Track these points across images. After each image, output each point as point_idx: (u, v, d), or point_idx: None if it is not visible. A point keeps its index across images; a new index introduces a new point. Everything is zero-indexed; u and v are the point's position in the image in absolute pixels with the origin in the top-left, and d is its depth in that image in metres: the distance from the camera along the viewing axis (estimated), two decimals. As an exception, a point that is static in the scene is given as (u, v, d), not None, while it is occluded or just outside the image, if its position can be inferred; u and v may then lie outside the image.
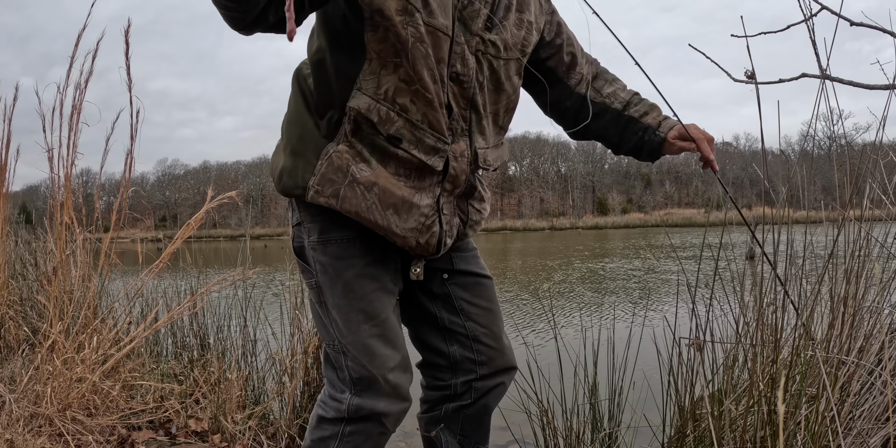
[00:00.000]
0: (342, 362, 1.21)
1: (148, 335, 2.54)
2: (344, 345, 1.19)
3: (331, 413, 1.23)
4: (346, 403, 1.20)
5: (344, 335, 1.19)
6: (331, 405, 1.23)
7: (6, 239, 3.27)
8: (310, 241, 1.19)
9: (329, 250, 1.18)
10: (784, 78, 1.97)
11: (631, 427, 1.86)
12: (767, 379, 1.46)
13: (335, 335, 1.20)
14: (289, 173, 1.14)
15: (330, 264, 1.18)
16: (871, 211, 1.75)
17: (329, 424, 1.23)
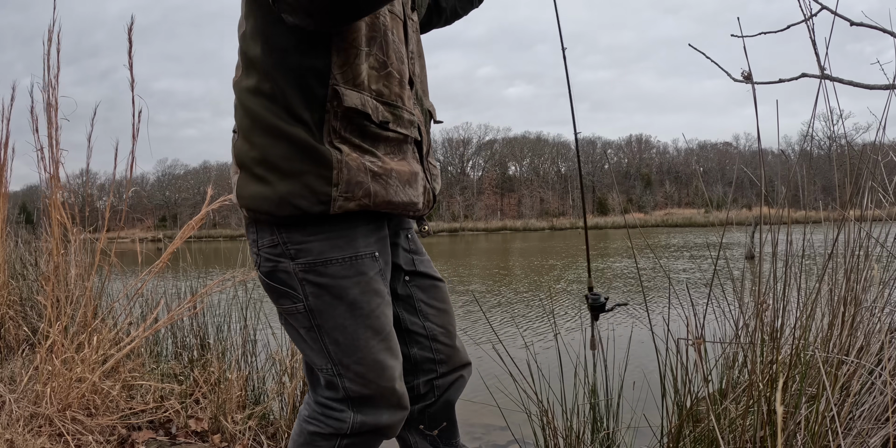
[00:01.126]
0: (338, 384, 1.18)
1: (148, 335, 2.54)
2: (344, 366, 1.17)
3: (328, 429, 1.20)
4: (349, 422, 1.18)
5: (348, 355, 1.17)
6: (328, 423, 1.20)
7: (6, 239, 3.27)
8: (298, 263, 1.13)
9: (331, 271, 1.14)
10: (784, 78, 1.97)
11: (631, 427, 1.86)
12: (767, 379, 1.46)
13: (333, 358, 1.17)
14: (299, 196, 1.08)
15: (331, 285, 1.14)
16: (871, 211, 1.75)
17: (325, 440, 1.20)
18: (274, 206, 1.10)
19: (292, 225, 1.13)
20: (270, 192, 1.09)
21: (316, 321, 1.16)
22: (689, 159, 75.39)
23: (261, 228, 1.16)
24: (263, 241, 1.16)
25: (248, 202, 1.13)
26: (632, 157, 78.70)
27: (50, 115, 2.33)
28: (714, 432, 1.34)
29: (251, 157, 1.11)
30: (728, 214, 2.32)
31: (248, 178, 1.13)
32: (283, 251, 1.14)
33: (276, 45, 1.08)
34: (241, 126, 1.14)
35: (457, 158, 75.97)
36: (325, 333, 1.16)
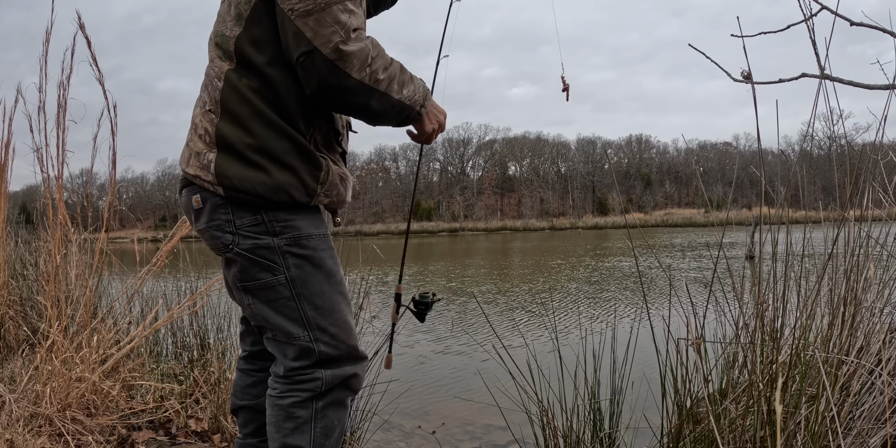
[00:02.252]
0: (313, 349, 1.30)
1: (148, 335, 2.53)
2: (321, 329, 1.30)
3: (304, 395, 1.30)
4: (321, 378, 1.30)
5: (326, 318, 1.31)
6: (303, 388, 1.30)
7: (6, 239, 3.27)
8: (283, 238, 1.28)
9: (312, 243, 1.31)
10: (784, 78, 1.97)
11: (631, 427, 1.86)
12: (767, 379, 1.45)
13: (311, 323, 1.30)
14: (292, 187, 1.26)
15: (312, 256, 1.30)
16: (871, 211, 1.75)
17: (301, 409, 1.30)
18: (270, 191, 1.24)
19: (277, 207, 1.27)
20: (267, 179, 1.23)
21: (297, 290, 1.29)
22: (689, 159, 75.35)
23: (237, 210, 1.27)
24: (243, 221, 1.27)
25: (235, 183, 1.23)
26: (632, 157, 78.68)
27: (59, 117, 2.32)
28: (714, 432, 1.34)
29: (246, 143, 1.23)
30: (728, 214, 2.32)
31: (235, 160, 1.24)
32: (267, 229, 1.27)
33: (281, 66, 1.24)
34: (236, 112, 1.24)
35: (457, 158, 76.02)
36: (304, 300, 1.30)
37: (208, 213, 1.29)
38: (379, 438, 2.68)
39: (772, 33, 1.93)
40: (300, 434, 1.30)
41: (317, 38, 1.15)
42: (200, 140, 1.28)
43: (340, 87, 1.19)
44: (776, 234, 1.66)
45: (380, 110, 1.26)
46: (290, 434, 1.30)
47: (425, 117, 1.35)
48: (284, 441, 1.30)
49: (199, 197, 1.29)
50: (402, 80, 1.26)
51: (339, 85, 1.19)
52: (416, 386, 3.77)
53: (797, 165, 1.86)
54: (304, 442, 1.30)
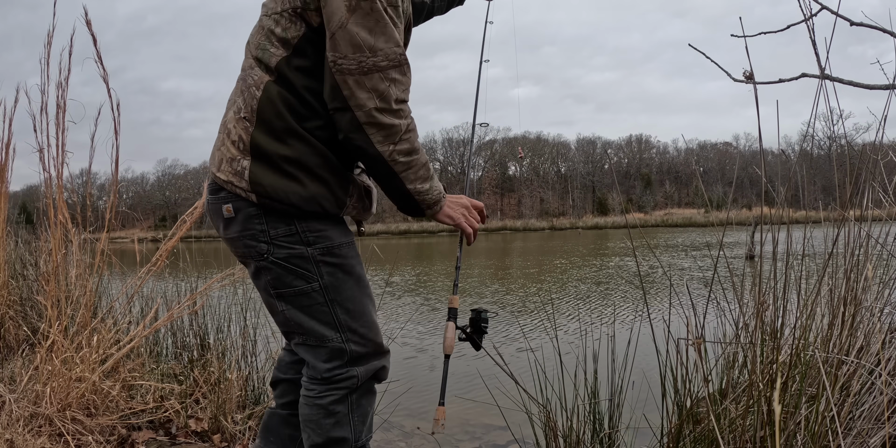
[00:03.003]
0: (345, 349, 1.37)
1: (148, 335, 2.53)
2: (352, 330, 1.38)
3: (342, 392, 1.38)
4: (357, 375, 1.38)
5: (356, 320, 1.38)
6: (341, 385, 1.38)
7: (6, 239, 3.27)
8: (319, 248, 1.33)
9: (343, 252, 1.37)
10: (784, 78, 1.97)
11: (631, 427, 1.86)
12: (767, 379, 1.45)
13: (343, 325, 1.37)
14: (324, 198, 1.30)
15: (343, 264, 1.37)
16: (871, 211, 1.75)
17: (340, 404, 1.38)
18: (303, 201, 1.28)
19: (309, 217, 1.31)
20: (302, 190, 1.27)
21: (330, 296, 1.35)
22: (689, 159, 75.31)
23: (272, 220, 1.30)
24: (277, 231, 1.31)
25: (269, 191, 1.26)
26: (632, 157, 78.65)
27: (58, 117, 2.32)
28: (714, 432, 1.34)
29: (281, 154, 1.26)
30: (728, 214, 2.32)
31: (270, 170, 1.26)
32: (301, 239, 1.31)
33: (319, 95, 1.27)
34: (272, 124, 1.26)
35: (457, 158, 75.98)
36: (337, 305, 1.36)
37: (241, 223, 1.31)
38: (379, 438, 2.68)
39: (772, 34, 1.93)
40: (341, 426, 1.39)
41: (352, 98, 1.19)
42: (234, 146, 1.29)
43: (362, 151, 1.25)
44: (776, 233, 1.66)
45: (389, 188, 1.32)
46: (332, 428, 1.38)
47: (442, 212, 1.39)
48: (328, 435, 1.38)
49: (231, 206, 1.31)
50: (420, 174, 1.30)
51: (360, 147, 1.24)
52: (416, 386, 3.77)
53: (797, 165, 1.86)
54: (346, 433, 1.40)
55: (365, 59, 1.18)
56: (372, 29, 1.18)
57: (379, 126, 1.21)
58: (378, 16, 1.18)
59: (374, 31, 1.18)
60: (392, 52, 1.20)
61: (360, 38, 1.17)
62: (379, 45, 1.19)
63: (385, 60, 1.19)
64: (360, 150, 1.24)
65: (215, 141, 1.37)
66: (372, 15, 1.18)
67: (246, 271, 2.59)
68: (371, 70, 1.18)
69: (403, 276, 11.11)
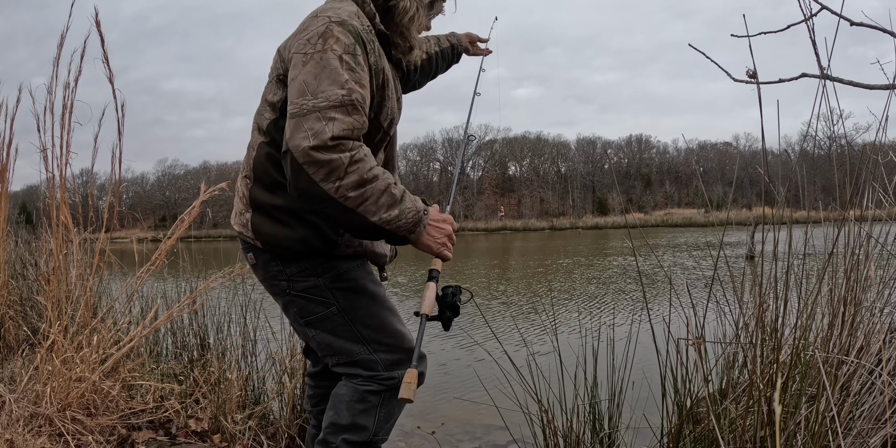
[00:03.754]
0: (376, 360, 1.51)
1: (147, 334, 2.53)
2: (377, 342, 1.51)
3: (378, 387, 1.51)
4: (398, 378, 1.50)
5: (379, 332, 1.52)
6: (381, 384, 1.51)
7: (6, 239, 3.27)
8: (326, 277, 1.47)
9: (351, 276, 1.51)
10: (784, 78, 1.97)
11: (631, 427, 1.86)
12: (767, 379, 1.45)
13: (367, 339, 1.51)
14: (314, 239, 1.43)
15: (354, 286, 1.51)
16: (872, 211, 1.75)
17: (374, 396, 1.51)
18: (295, 243, 1.43)
19: (313, 255, 1.46)
20: (292, 233, 1.42)
21: (349, 316, 1.50)
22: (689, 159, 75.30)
23: (285, 261, 1.47)
24: (291, 270, 1.47)
25: (268, 238, 1.44)
26: (632, 157, 78.64)
27: (63, 118, 2.32)
28: (714, 432, 1.34)
29: (273, 204, 1.42)
30: (728, 214, 2.32)
31: (266, 219, 1.44)
32: (312, 272, 1.47)
33: None
34: (264, 179, 1.43)
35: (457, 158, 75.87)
36: (357, 323, 1.50)
37: (262, 268, 1.51)
38: (379, 438, 2.68)
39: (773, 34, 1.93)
40: (367, 416, 1.51)
41: (291, 140, 1.22)
42: (240, 202, 1.50)
43: (308, 192, 1.23)
44: (776, 233, 1.66)
45: (354, 227, 1.31)
46: (359, 414, 1.50)
47: (422, 239, 1.35)
48: (354, 419, 1.50)
49: (252, 255, 1.51)
50: (382, 202, 1.26)
51: (307, 189, 1.23)
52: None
53: (797, 165, 1.86)
54: (369, 423, 1.51)
55: (306, 101, 1.24)
56: (318, 74, 1.25)
57: (317, 164, 1.21)
58: (326, 63, 1.26)
59: (319, 76, 1.25)
60: (334, 94, 1.24)
61: (305, 84, 1.25)
62: (322, 87, 1.24)
63: (325, 101, 1.23)
64: (306, 193, 1.23)
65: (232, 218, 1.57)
66: (321, 62, 1.26)
67: (245, 268, 2.60)
68: (310, 111, 1.23)
69: (408, 277, 11.12)
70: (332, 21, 1.31)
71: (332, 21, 1.31)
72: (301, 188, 1.24)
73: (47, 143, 2.36)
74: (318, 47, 1.27)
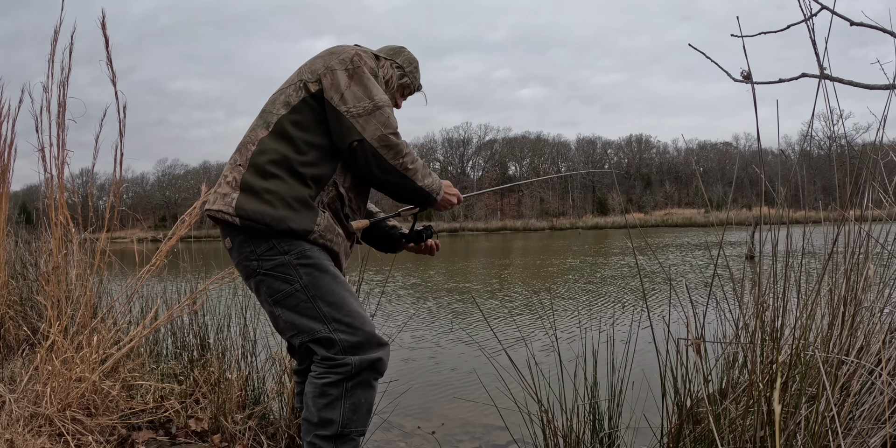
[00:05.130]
0: (334, 339, 1.59)
1: (147, 334, 2.53)
2: (336, 320, 1.60)
3: (336, 377, 1.57)
4: (351, 363, 1.57)
5: (339, 310, 1.61)
6: (336, 372, 1.57)
7: (6, 239, 3.27)
8: (293, 254, 1.61)
9: (314, 255, 1.63)
10: (784, 78, 1.97)
11: (631, 427, 1.86)
12: (767, 379, 1.45)
13: (327, 317, 1.60)
14: (292, 220, 1.59)
15: (317, 264, 1.63)
16: (871, 211, 1.75)
17: (334, 388, 1.57)
18: (274, 221, 1.57)
19: (283, 235, 1.59)
20: (274, 212, 1.57)
21: (311, 292, 1.61)
22: (689, 159, 75.28)
23: (256, 242, 1.60)
24: (261, 249, 1.61)
25: (249, 214, 1.57)
26: (632, 157, 78.62)
27: (59, 116, 2.32)
28: (714, 433, 1.34)
29: (262, 187, 1.59)
30: (728, 214, 2.32)
31: (252, 198, 1.58)
32: (279, 250, 1.61)
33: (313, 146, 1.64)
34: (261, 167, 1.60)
35: (457, 158, 75.99)
36: (318, 299, 1.61)
37: (237, 249, 1.64)
38: (379, 438, 2.68)
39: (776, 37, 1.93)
40: (331, 409, 1.57)
41: (365, 130, 1.59)
42: (228, 186, 1.62)
43: (380, 167, 1.62)
44: (776, 233, 1.66)
45: (405, 190, 1.70)
46: (323, 408, 1.57)
47: (440, 202, 1.79)
48: (319, 414, 1.58)
49: (229, 239, 1.65)
50: (424, 173, 1.70)
51: (379, 166, 1.62)
52: (416, 386, 3.77)
53: (797, 165, 1.86)
54: (335, 416, 1.57)
55: (366, 103, 1.61)
56: (366, 85, 1.65)
57: (388, 146, 1.61)
58: (368, 77, 1.67)
59: (367, 86, 1.65)
60: (384, 98, 1.64)
61: (358, 91, 1.63)
62: (373, 93, 1.63)
63: (381, 102, 1.63)
64: (377, 169, 1.63)
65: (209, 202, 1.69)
66: (364, 76, 1.66)
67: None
68: (373, 109, 1.61)
69: (410, 278, 11.11)
70: (358, 50, 1.72)
71: (357, 49, 1.72)
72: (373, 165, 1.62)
73: (45, 142, 2.36)
74: (356, 64, 1.66)
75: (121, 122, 2.33)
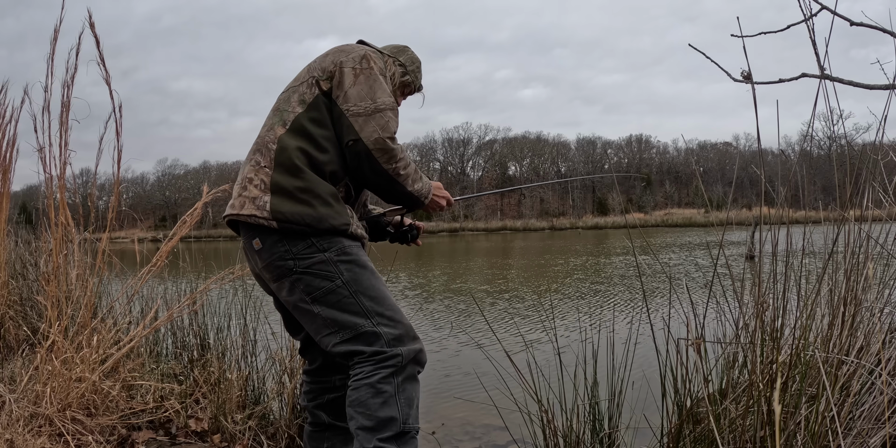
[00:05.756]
0: (379, 332, 1.58)
1: (147, 334, 2.53)
2: (379, 314, 1.60)
3: (388, 370, 1.55)
4: (402, 354, 1.57)
5: (380, 305, 1.62)
6: (387, 364, 1.56)
7: (6, 239, 3.27)
8: (333, 251, 1.61)
9: (353, 251, 1.65)
10: (784, 78, 1.97)
11: (631, 427, 1.86)
12: (767, 379, 1.45)
13: (370, 311, 1.60)
14: (332, 217, 1.61)
15: (356, 260, 1.64)
16: (871, 211, 1.75)
17: (387, 384, 1.55)
18: (315, 221, 1.58)
19: (322, 233, 1.60)
20: (313, 212, 1.59)
21: (352, 288, 1.61)
22: (689, 159, 75.28)
23: (291, 241, 1.59)
24: (298, 248, 1.60)
25: (287, 216, 1.57)
26: (632, 157, 78.61)
27: (62, 116, 2.32)
28: (714, 432, 1.34)
29: (296, 186, 1.59)
30: (728, 214, 2.32)
31: (287, 199, 1.58)
32: (318, 248, 1.60)
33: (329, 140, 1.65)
34: (287, 165, 1.60)
35: (457, 158, 75.99)
36: (361, 295, 1.61)
37: (268, 250, 1.61)
38: (379, 438, 2.68)
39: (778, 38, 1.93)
40: (389, 407, 1.54)
41: (363, 131, 1.59)
42: (256, 188, 1.61)
43: (372, 170, 1.63)
44: (776, 233, 1.66)
45: (394, 193, 1.71)
46: (380, 408, 1.53)
47: (428, 205, 1.81)
48: (377, 415, 1.53)
49: (259, 239, 1.62)
50: (415, 177, 1.71)
51: (371, 167, 1.62)
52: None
53: (797, 165, 1.86)
54: (394, 413, 1.54)
55: (368, 104, 1.61)
56: (371, 85, 1.65)
57: (383, 150, 1.61)
58: (375, 77, 1.67)
59: (373, 87, 1.64)
60: (387, 101, 1.64)
61: (362, 91, 1.63)
62: (377, 95, 1.64)
63: (383, 105, 1.63)
64: (369, 170, 1.63)
65: (231, 200, 1.69)
66: (371, 76, 1.66)
67: (245, 270, 2.59)
68: (374, 111, 1.61)
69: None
70: (367, 50, 1.73)
71: (367, 49, 1.73)
72: (366, 167, 1.62)
73: (45, 142, 2.36)
74: (364, 65, 1.67)
75: (117, 121, 2.33)
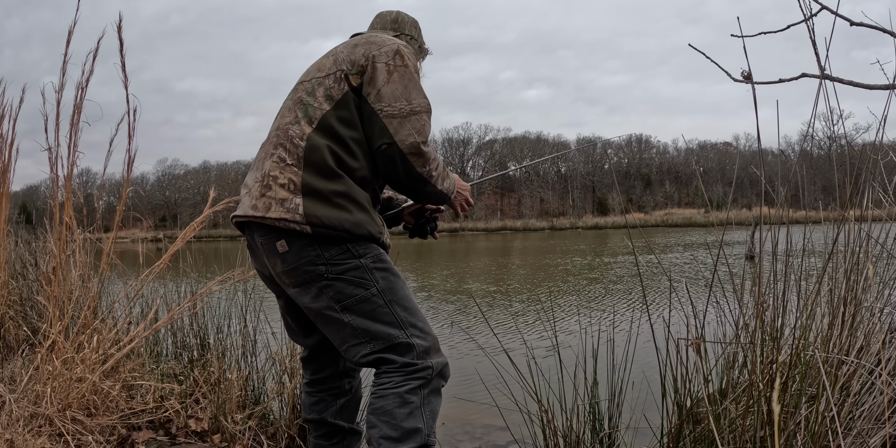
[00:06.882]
0: (412, 344, 1.53)
1: (148, 335, 2.53)
2: (412, 325, 1.55)
3: (415, 383, 1.51)
4: (432, 366, 1.54)
5: (413, 316, 1.57)
6: (418, 376, 1.51)
7: (6, 239, 3.27)
8: (369, 258, 1.55)
9: (385, 258, 1.60)
10: (784, 78, 1.97)
11: (631, 427, 1.86)
12: (767, 379, 1.46)
13: (404, 322, 1.54)
14: (369, 224, 1.55)
15: (390, 268, 1.59)
16: (871, 211, 1.75)
17: (414, 395, 1.50)
18: (353, 226, 1.52)
19: (357, 239, 1.54)
20: (351, 217, 1.52)
21: (387, 297, 1.55)
22: (689, 159, 75.26)
23: (324, 245, 1.51)
24: (331, 253, 1.52)
25: (324, 221, 1.49)
26: (632, 157, 78.61)
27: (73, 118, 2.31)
28: (714, 433, 1.34)
29: (332, 189, 1.51)
30: (728, 214, 2.32)
31: (322, 203, 1.50)
32: (353, 254, 1.53)
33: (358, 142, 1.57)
34: (320, 166, 1.51)
35: (457, 158, 75.99)
36: (396, 304, 1.55)
37: (296, 253, 1.51)
38: (379, 438, 2.68)
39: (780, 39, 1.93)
40: (414, 418, 1.49)
41: (398, 135, 1.52)
42: (283, 189, 1.51)
43: (406, 174, 1.56)
44: (776, 233, 1.66)
45: (427, 194, 1.66)
46: (406, 418, 1.48)
47: (453, 201, 1.78)
48: (403, 425, 1.47)
49: (285, 241, 1.52)
50: (444, 176, 1.66)
51: (406, 172, 1.56)
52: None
53: (797, 165, 1.86)
54: (419, 423, 1.49)
55: (403, 106, 1.53)
56: (406, 85, 1.56)
57: (418, 154, 1.54)
58: (410, 76, 1.58)
59: (408, 86, 1.56)
60: (423, 102, 1.58)
61: (398, 91, 1.54)
62: (412, 96, 1.56)
63: (419, 107, 1.56)
64: (403, 174, 1.56)
65: (249, 195, 1.58)
66: (406, 75, 1.57)
67: (247, 272, 2.59)
68: (409, 114, 1.54)
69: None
70: (400, 44, 1.62)
71: (399, 43, 1.62)
72: (400, 171, 1.56)
73: (53, 142, 2.36)
74: (398, 62, 1.58)
75: (130, 125, 2.33)
